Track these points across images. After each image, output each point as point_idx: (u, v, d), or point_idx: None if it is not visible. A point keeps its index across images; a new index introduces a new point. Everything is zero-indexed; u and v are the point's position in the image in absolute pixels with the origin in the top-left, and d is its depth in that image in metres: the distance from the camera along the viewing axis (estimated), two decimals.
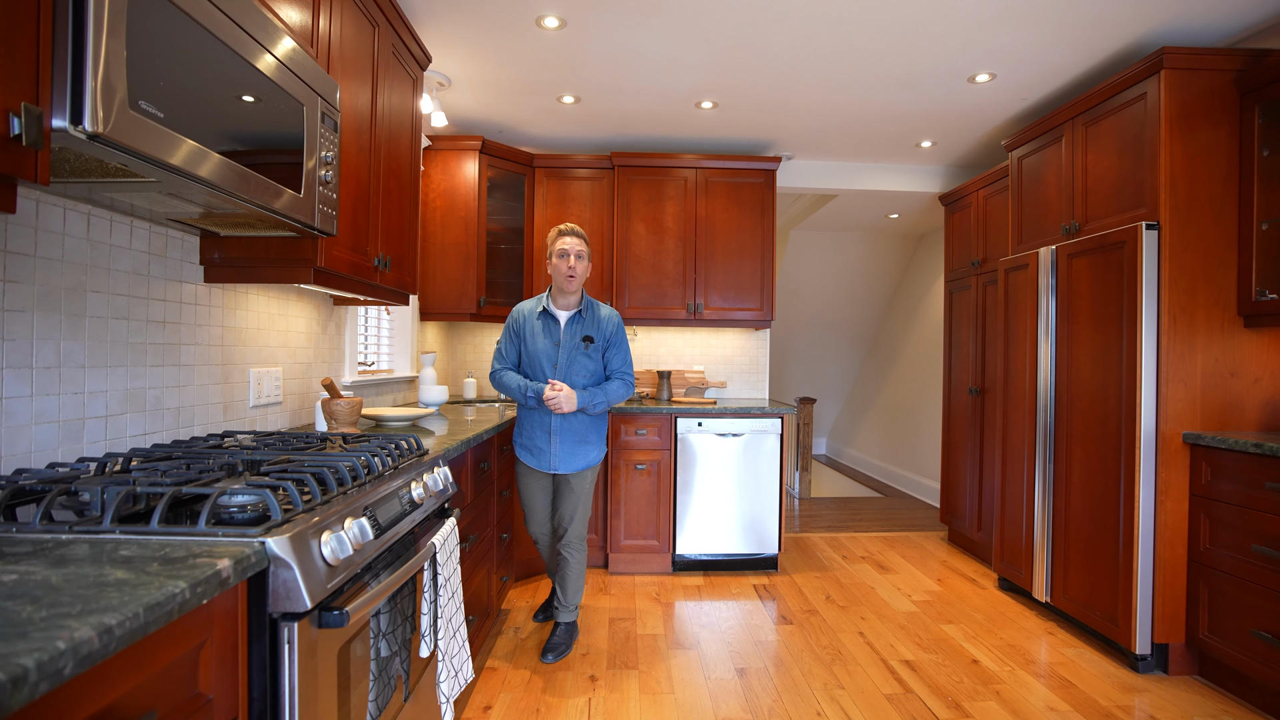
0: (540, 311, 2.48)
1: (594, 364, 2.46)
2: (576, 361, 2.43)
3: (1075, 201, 2.85)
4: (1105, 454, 2.58)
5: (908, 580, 3.42)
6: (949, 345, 4.10)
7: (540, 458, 2.48)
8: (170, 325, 1.60)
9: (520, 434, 2.53)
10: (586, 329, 2.46)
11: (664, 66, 2.84)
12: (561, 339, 2.44)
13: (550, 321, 2.47)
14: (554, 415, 2.43)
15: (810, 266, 6.12)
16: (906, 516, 4.86)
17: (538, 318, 2.48)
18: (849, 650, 2.59)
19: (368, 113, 2.00)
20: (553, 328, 2.46)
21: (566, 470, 2.48)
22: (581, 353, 2.43)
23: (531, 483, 2.55)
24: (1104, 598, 2.57)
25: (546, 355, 2.44)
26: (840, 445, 7.54)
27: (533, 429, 2.48)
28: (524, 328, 2.49)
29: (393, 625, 1.35)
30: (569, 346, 2.43)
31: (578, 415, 2.46)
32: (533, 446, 2.49)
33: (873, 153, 3.97)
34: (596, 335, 2.47)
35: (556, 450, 2.46)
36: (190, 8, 1.06)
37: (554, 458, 2.46)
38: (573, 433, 2.46)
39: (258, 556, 0.86)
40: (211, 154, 1.13)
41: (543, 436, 2.46)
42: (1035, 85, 2.99)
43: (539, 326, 2.47)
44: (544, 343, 2.44)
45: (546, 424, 2.45)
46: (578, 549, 2.56)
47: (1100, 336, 2.63)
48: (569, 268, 2.39)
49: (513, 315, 2.54)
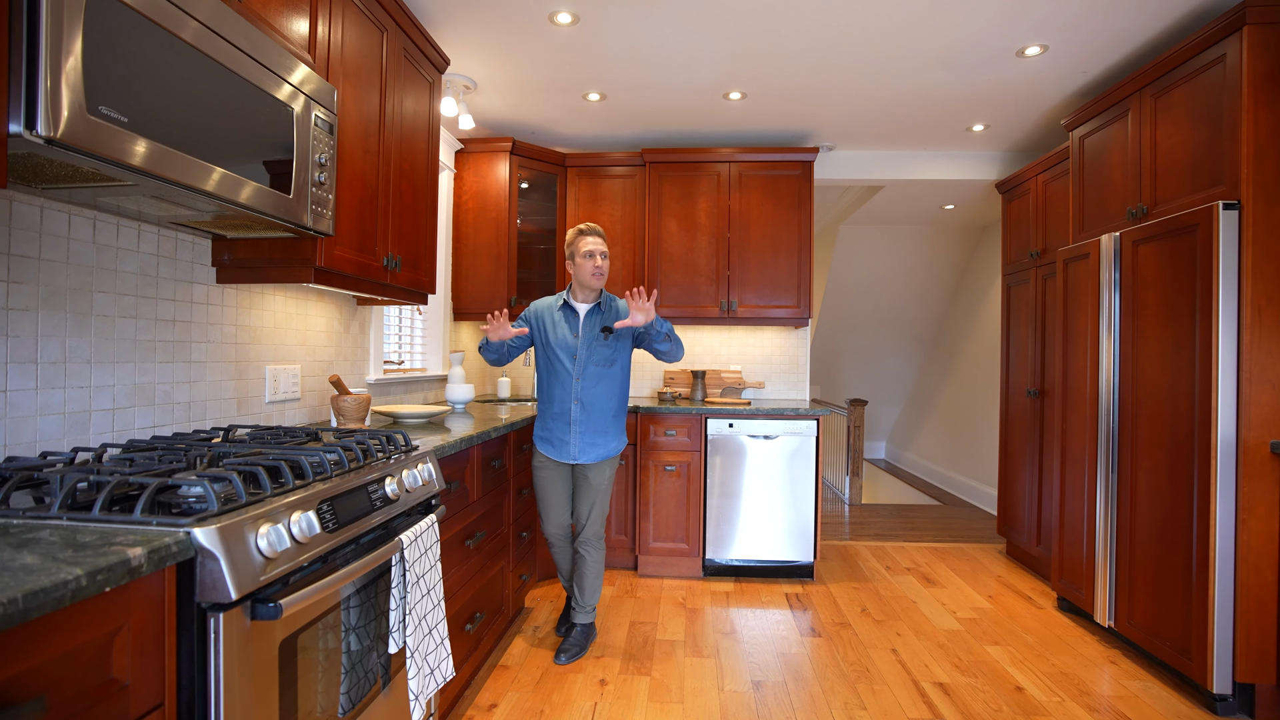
0: (561, 305, 2.53)
1: (610, 352, 2.50)
2: (595, 351, 2.48)
3: (1143, 182, 2.57)
4: (1175, 464, 2.31)
5: (954, 595, 3.19)
6: (1006, 344, 3.81)
7: (561, 449, 2.49)
8: (180, 324, 1.68)
9: (541, 426, 2.55)
10: (605, 320, 2.51)
11: (684, 58, 2.77)
12: (580, 330, 2.49)
13: (570, 314, 2.52)
14: (575, 406, 2.46)
15: (862, 262, 5.86)
16: (963, 527, 4.55)
17: (559, 311, 2.53)
18: (878, 668, 2.43)
19: (375, 116, 2.04)
20: (571, 320, 2.52)
21: (586, 460, 2.49)
22: (600, 343, 2.49)
23: (550, 476, 2.54)
24: (1174, 626, 2.29)
25: (565, 345, 2.48)
26: (900, 450, 7.18)
27: (554, 420, 2.50)
28: (543, 320, 2.53)
29: (364, 619, 1.35)
30: (588, 337, 2.49)
31: (599, 405, 2.48)
32: (553, 438, 2.50)
33: (919, 139, 3.75)
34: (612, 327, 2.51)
35: (577, 441, 2.47)
36: (156, 14, 1.10)
37: (574, 448, 2.47)
38: (593, 423, 2.48)
39: (180, 546, 0.87)
40: (182, 156, 1.16)
41: (563, 427, 2.48)
42: (1094, 57, 2.72)
43: (560, 319, 2.52)
44: (564, 334, 2.49)
45: (567, 415, 2.47)
46: (595, 547, 2.54)
47: (1169, 332, 2.35)
48: (596, 267, 2.45)
49: (530, 309, 2.59)
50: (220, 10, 1.25)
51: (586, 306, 2.53)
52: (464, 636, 2.06)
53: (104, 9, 1.01)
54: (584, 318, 2.51)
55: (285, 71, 1.45)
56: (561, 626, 2.68)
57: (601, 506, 2.54)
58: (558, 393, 2.49)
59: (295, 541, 1.06)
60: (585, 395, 2.47)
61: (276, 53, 1.42)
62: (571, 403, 2.47)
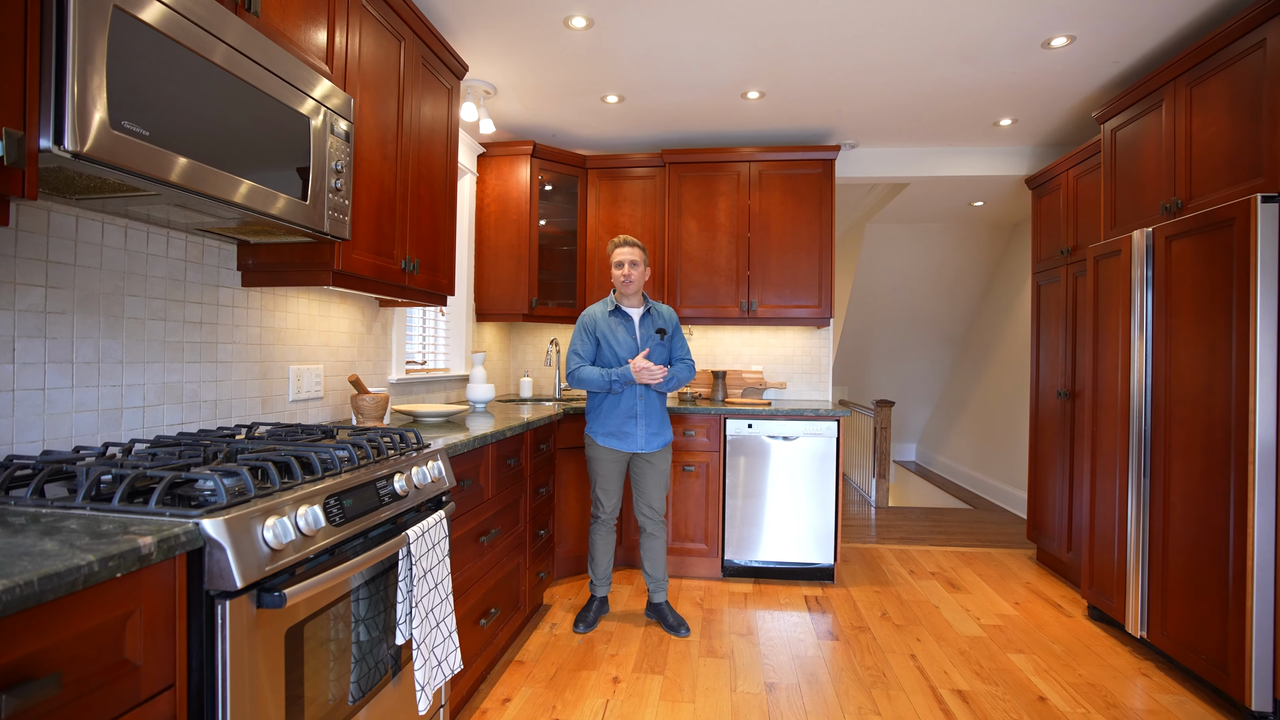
0: (611, 311, 2.74)
1: (665, 352, 2.77)
2: (654, 352, 2.73)
3: (1177, 175, 2.48)
4: (1211, 469, 2.22)
5: (979, 601, 3.12)
6: (1036, 344, 3.70)
7: (627, 440, 2.70)
8: (207, 325, 1.76)
9: (602, 423, 2.72)
10: (657, 323, 2.77)
11: (700, 58, 2.78)
12: (639, 332, 2.73)
13: (624, 319, 2.75)
14: (639, 401, 2.70)
15: (890, 261, 5.76)
16: (993, 531, 4.44)
17: (611, 316, 2.74)
18: (895, 673, 2.39)
19: (393, 123, 2.10)
20: (627, 324, 2.74)
21: (653, 449, 2.73)
22: (657, 344, 2.74)
23: (612, 466, 2.74)
24: (1210, 639, 2.20)
25: (628, 349, 2.71)
26: (931, 452, 7.03)
27: (618, 416, 2.70)
28: (601, 328, 2.73)
29: (374, 611, 1.40)
30: (646, 340, 2.73)
31: (656, 400, 2.75)
32: (619, 431, 2.70)
33: (945, 135, 3.67)
34: (666, 328, 2.79)
35: (642, 431, 2.71)
36: (175, 32, 1.16)
37: (641, 439, 2.71)
38: (654, 415, 2.74)
39: (189, 536, 0.92)
40: (201, 166, 1.23)
41: (630, 421, 2.70)
42: (1125, 46, 2.63)
43: (616, 324, 2.73)
44: (625, 338, 2.72)
45: (633, 409, 2.70)
46: (662, 526, 2.81)
47: (1205, 331, 2.26)
48: (624, 275, 2.69)
49: (585, 319, 2.77)
50: (238, 26, 1.31)
51: (638, 312, 2.77)
52: (478, 631, 2.10)
53: (126, 29, 1.08)
54: (639, 322, 2.75)
55: (302, 83, 1.51)
56: (580, 623, 2.74)
57: (666, 486, 2.82)
58: (624, 391, 2.69)
59: (301, 534, 1.11)
60: (648, 393, 2.72)
61: (294, 65, 1.48)
62: (637, 399, 2.70)
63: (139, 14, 1.09)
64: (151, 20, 1.12)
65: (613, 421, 2.71)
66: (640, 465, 2.76)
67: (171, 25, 1.16)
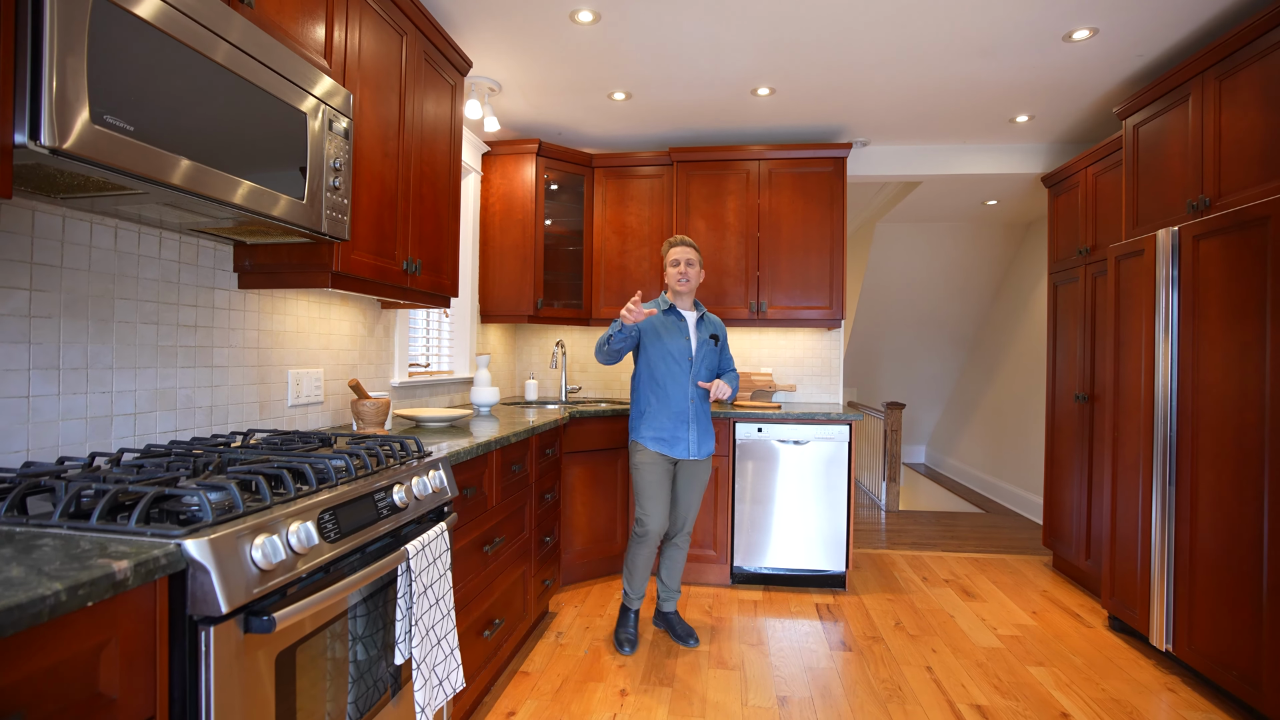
0: (665, 310, 2.66)
1: (715, 359, 2.72)
2: (707, 358, 2.68)
3: (1205, 172, 2.39)
4: (1242, 478, 2.13)
5: (996, 610, 3.03)
6: (1053, 346, 3.61)
7: (678, 445, 2.61)
8: (202, 329, 1.70)
9: (651, 427, 2.62)
10: (710, 330, 2.72)
11: (708, 53, 2.71)
12: (692, 336, 2.66)
13: (678, 320, 2.66)
14: (690, 404, 2.63)
15: (900, 261, 5.67)
16: (1007, 536, 4.35)
17: (665, 315, 2.65)
18: (911, 687, 2.32)
19: (395, 119, 2.04)
20: (681, 326, 2.66)
21: (701, 455, 2.65)
22: (710, 349, 2.69)
23: (659, 473, 2.61)
24: (1242, 655, 2.12)
25: (681, 350, 2.62)
26: (940, 454, 6.94)
27: (669, 419, 2.62)
28: (653, 321, 2.64)
29: (372, 628, 1.34)
30: (700, 343, 2.67)
31: (705, 403, 2.70)
32: (669, 435, 2.61)
33: (959, 132, 3.59)
34: (718, 335, 2.75)
35: (694, 437, 2.63)
36: (162, 23, 1.10)
37: (693, 444, 2.63)
38: (703, 419, 2.68)
39: (169, 558, 0.86)
40: (190, 163, 1.16)
41: (682, 425, 2.62)
42: (1149, 39, 2.54)
43: (668, 325, 2.64)
44: (676, 337, 2.63)
45: (685, 413, 2.62)
46: (688, 538, 2.75)
47: (1235, 334, 2.18)
48: (680, 273, 2.62)
49: None
50: (230, 17, 1.25)
51: (694, 315, 2.71)
52: (481, 643, 2.04)
53: (109, 18, 1.02)
54: (694, 326, 2.69)
55: (300, 79, 1.45)
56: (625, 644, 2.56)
57: (699, 503, 2.74)
58: (675, 393, 2.61)
59: (293, 552, 1.05)
60: (698, 397, 2.66)
61: (291, 60, 1.42)
62: (688, 402, 2.62)
63: (123, 3, 1.03)
64: (137, 10, 1.06)
65: (664, 424, 2.61)
66: (686, 473, 2.68)
67: (160, 15, 1.10)
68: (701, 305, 2.77)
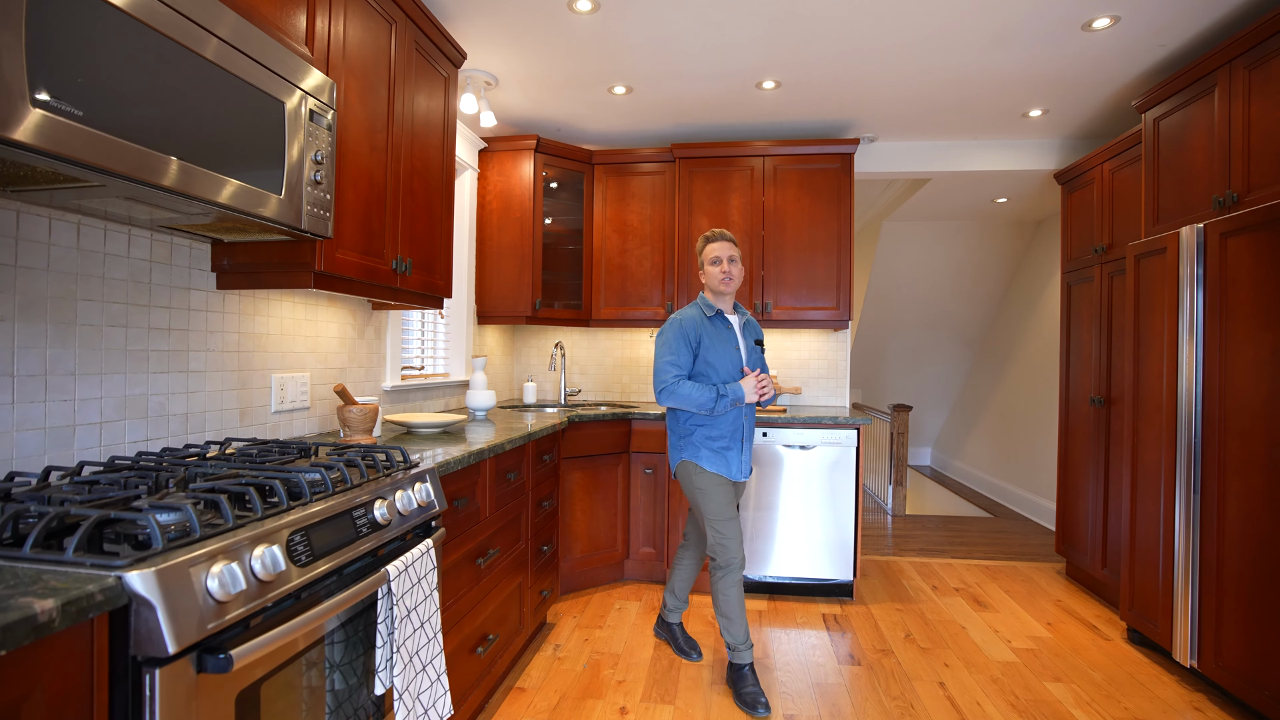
0: (712, 316, 2.37)
1: (763, 367, 2.47)
2: (757, 365, 2.44)
3: (1232, 167, 2.28)
4: (1274, 488, 2.03)
5: (1009, 621, 2.93)
6: (1066, 347, 3.51)
7: (730, 467, 2.32)
8: (177, 332, 1.61)
9: (711, 444, 2.31)
10: (755, 333, 2.47)
11: (711, 45, 2.61)
12: (741, 346, 2.39)
13: (724, 326, 2.38)
14: (745, 421, 2.34)
15: (907, 261, 5.56)
16: (1018, 542, 4.24)
17: (709, 322, 2.36)
18: (924, 704, 2.22)
19: (383, 112, 1.95)
20: (727, 333, 2.38)
21: (747, 477, 2.41)
22: (758, 356, 2.44)
23: (729, 493, 2.32)
24: (1274, 672, 2.01)
25: (733, 360, 2.34)
26: (947, 457, 6.83)
27: (725, 439, 2.31)
28: (701, 335, 2.33)
29: (351, 655, 1.24)
30: (749, 352, 2.41)
31: (754, 423, 2.47)
32: (729, 456, 2.33)
33: (970, 127, 3.48)
34: (760, 338, 2.49)
35: (745, 458, 2.38)
36: (123, 1, 1.01)
37: (744, 466, 2.37)
38: (751, 438, 2.42)
39: (107, 594, 0.77)
40: (148, 152, 1.07)
41: (736, 444, 2.33)
42: (1172, 27, 2.44)
43: (715, 332, 2.35)
44: (725, 349, 2.34)
45: (738, 431, 2.33)
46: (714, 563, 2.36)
47: (1267, 336, 2.07)
48: (723, 272, 2.33)
49: (683, 325, 2.33)
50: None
51: (738, 320, 2.44)
52: (474, 661, 1.95)
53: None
54: (740, 331, 2.41)
55: (277, 65, 1.36)
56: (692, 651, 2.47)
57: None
58: (732, 411, 2.31)
59: (257, 580, 0.95)
60: (750, 412, 2.37)
61: (267, 44, 1.32)
62: (743, 419, 2.34)
63: None
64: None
65: (720, 443, 2.31)
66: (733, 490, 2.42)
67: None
68: (742, 306, 2.49)
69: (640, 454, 3.27)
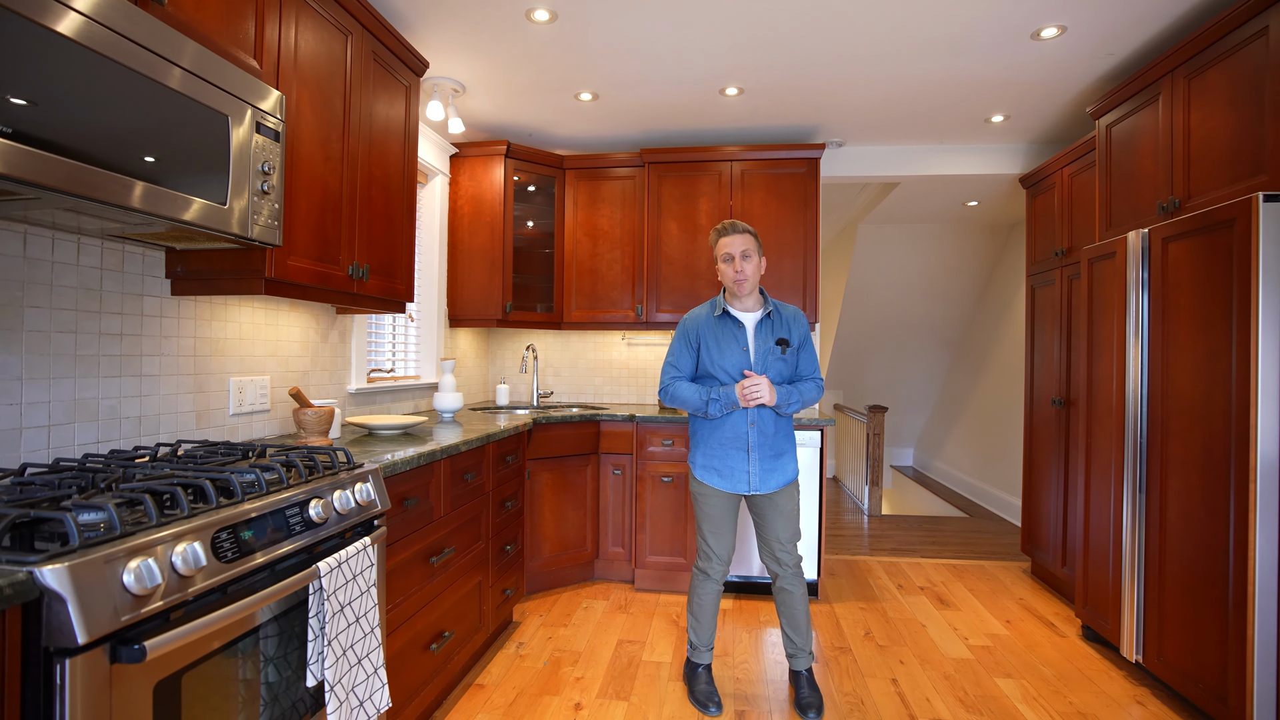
0: (719, 315, 2.20)
1: (788, 369, 2.18)
2: (771, 367, 2.15)
3: (1175, 173, 2.34)
4: (1210, 486, 2.08)
5: (969, 619, 2.98)
6: (1031, 349, 3.57)
7: (734, 478, 2.15)
8: (130, 337, 1.65)
9: (703, 453, 2.21)
10: (779, 331, 2.18)
11: (672, 52, 2.66)
12: (751, 345, 2.17)
13: (733, 325, 2.18)
14: (751, 430, 2.14)
15: (883, 263, 5.62)
16: (989, 542, 4.30)
17: (717, 321, 2.20)
18: (874, 700, 2.27)
19: (339, 121, 1.99)
20: (737, 332, 2.18)
21: (768, 489, 2.16)
22: (777, 357, 2.15)
23: (719, 507, 2.19)
24: (1210, 668, 2.06)
25: (736, 362, 2.15)
26: (928, 457, 6.89)
27: (722, 447, 2.16)
28: (702, 335, 2.21)
29: (284, 649, 1.29)
30: (762, 352, 2.15)
31: (772, 424, 2.17)
32: (723, 467, 2.16)
33: (936, 133, 3.54)
34: (790, 337, 2.20)
35: (754, 469, 2.14)
36: (50, 20, 1.05)
37: (752, 477, 2.15)
38: (769, 446, 2.15)
39: (17, 588, 0.81)
40: (83, 167, 1.11)
41: (738, 455, 2.15)
42: (1119, 37, 2.49)
43: (721, 332, 2.18)
44: (730, 349, 2.16)
45: (742, 439, 2.14)
46: (798, 576, 2.22)
47: (1204, 339, 2.12)
48: (736, 270, 2.13)
49: (685, 323, 2.26)
50: (136, 17, 1.20)
51: (753, 316, 2.19)
52: (427, 657, 1.99)
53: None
54: (754, 330, 2.17)
55: (219, 79, 1.40)
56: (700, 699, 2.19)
57: (796, 531, 2.23)
58: (731, 416, 2.15)
59: (177, 575, 1.00)
60: (762, 417, 2.14)
61: (208, 59, 1.37)
62: (747, 424, 2.14)
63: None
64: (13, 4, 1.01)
65: (714, 452, 2.17)
66: (760, 508, 2.21)
67: (36, 8, 1.04)
68: (773, 300, 2.25)
69: (609, 455, 3.31)
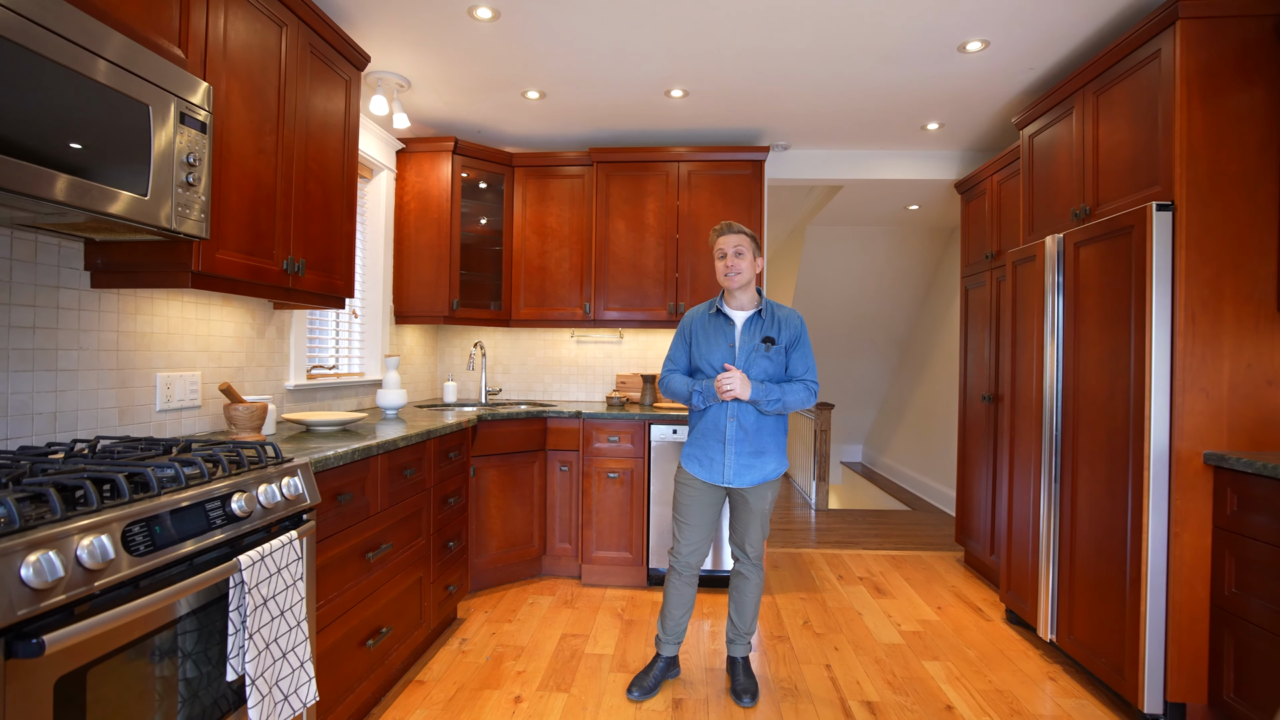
0: (713, 313, 2.29)
1: (774, 367, 2.22)
2: (755, 364, 2.20)
3: (1086, 182, 2.50)
4: (1113, 474, 2.23)
5: (903, 606, 3.11)
6: (964, 348, 3.73)
7: (711, 469, 2.23)
8: (43, 330, 1.60)
9: (690, 442, 2.31)
10: (766, 330, 2.23)
11: (615, 53, 2.70)
12: (738, 341, 2.23)
13: (724, 322, 2.27)
14: (730, 423, 2.20)
15: (832, 264, 5.79)
16: (928, 534, 4.47)
17: (710, 318, 2.29)
18: (807, 685, 2.35)
19: (273, 114, 1.97)
20: (727, 329, 2.25)
21: (741, 484, 2.22)
22: (761, 354, 2.21)
23: (695, 497, 2.26)
24: (1110, 643, 2.22)
25: (721, 359, 2.22)
26: (875, 453, 7.11)
27: (704, 437, 2.25)
28: (695, 331, 2.31)
29: (204, 644, 1.28)
30: (747, 349, 2.21)
31: (754, 422, 2.21)
32: (703, 457, 2.24)
33: (876, 138, 3.67)
34: (778, 336, 2.24)
35: (730, 462, 2.21)
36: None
37: (727, 469, 2.21)
38: (749, 442, 2.21)
39: None
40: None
41: (716, 445, 2.22)
42: (1039, 53, 2.64)
43: (712, 328, 2.28)
44: (718, 345, 2.24)
45: (721, 432, 2.21)
46: (757, 569, 2.33)
47: (1108, 337, 2.28)
48: (727, 266, 2.22)
49: (683, 320, 2.38)
50: (49, 3, 1.17)
51: (744, 314, 2.26)
52: (363, 654, 1.98)
53: None
54: (741, 326, 2.24)
55: (139, 68, 1.38)
56: (635, 688, 2.25)
57: (763, 528, 2.30)
58: (711, 408, 2.23)
59: (82, 568, 0.99)
60: (743, 412, 2.20)
61: (129, 48, 1.34)
62: (727, 420, 2.20)
63: None
64: None
65: (699, 442, 2.27)
66: (733, 501, 2.29)
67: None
68: (769, 301, 2.31)
69: (556, 452, 3.34)
